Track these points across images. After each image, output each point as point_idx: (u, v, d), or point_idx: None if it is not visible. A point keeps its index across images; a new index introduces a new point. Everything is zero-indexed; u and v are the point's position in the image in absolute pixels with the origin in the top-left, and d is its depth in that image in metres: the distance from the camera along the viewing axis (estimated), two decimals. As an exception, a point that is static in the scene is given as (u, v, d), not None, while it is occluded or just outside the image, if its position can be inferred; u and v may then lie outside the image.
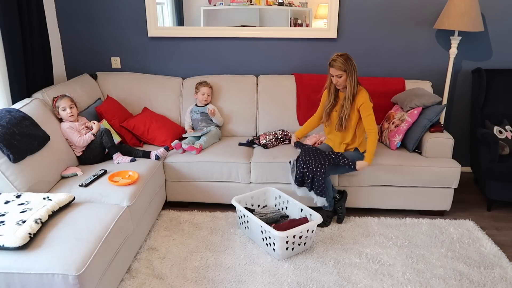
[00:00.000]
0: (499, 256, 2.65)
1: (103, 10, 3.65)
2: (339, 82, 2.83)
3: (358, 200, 3.12)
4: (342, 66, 2.76)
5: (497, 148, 3.03)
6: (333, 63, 2.79)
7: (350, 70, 2.77)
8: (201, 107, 3.48)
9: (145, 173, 2.80)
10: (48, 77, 3.33)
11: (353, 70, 2.78)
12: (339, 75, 2.80)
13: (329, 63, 2.82)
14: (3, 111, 2.54)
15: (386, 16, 3.54)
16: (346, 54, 2.80)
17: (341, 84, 2.84)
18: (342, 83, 2.83)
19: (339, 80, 2.82)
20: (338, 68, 2.78)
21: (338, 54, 2.80)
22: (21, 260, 1.89)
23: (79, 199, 2.43)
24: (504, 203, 3.29)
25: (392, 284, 2.40)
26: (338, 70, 2.78)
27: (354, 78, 2.80)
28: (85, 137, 2.91)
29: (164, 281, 2.41)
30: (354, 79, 2.80)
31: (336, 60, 2.77)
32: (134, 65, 3.79)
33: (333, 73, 2.82)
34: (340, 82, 2.83)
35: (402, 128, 3.14)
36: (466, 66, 3.64)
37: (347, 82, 2.81)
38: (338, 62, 2.76)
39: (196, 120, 3.46)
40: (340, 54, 2.80)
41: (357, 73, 2.81)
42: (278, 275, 2.47)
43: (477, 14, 3.20)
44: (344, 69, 2.77)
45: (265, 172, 3.07)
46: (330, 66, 2.82)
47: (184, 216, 3.10)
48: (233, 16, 3.63)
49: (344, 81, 2.82)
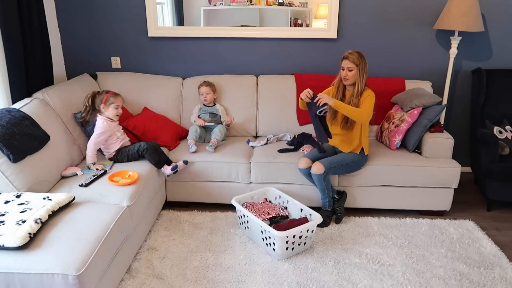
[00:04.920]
0: (499, 256, 2.65)
1: (103, 10, 3.65)
2: (348, 76, 2.83)
3: (358, 200, 3.12)
4: (356, 60, 2.79)
5: (497, 148, 3.03)
6: (348, 55, 2.82)
7: (362, 66, 2.80)
8: (210, 107, 3.48)
9: (145, 173, 2.80)
10: (48, 77, 3.33)
11: (365, 68, 2.81)
12: (350, 68, 2.81)
13: (344, 56, 2.85)
14: (3, 111, 2.54)
15: (386, 16, 3.54)
16: (361, 53, 2.83)
17: (350, 78, 2.83)
18: (351, 77, 2.83)
19: (349, 73, 2.82)
20: (352, 61, 2.80)
21: (354, 50, 2.84)
22: (21, 260, 1.89)
23: (79, 199, 2.43)
24: (504, 203, 3.30)
25: (392, 284, 2.40)
26: (351, 63, 2.80)
27: (364, 76, 2.82)
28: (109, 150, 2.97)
29: (164, 281, 2.41)
30: (363, 76, 2.82)
31: (352, 53, 2.81)
32: (134, 65, 3.79)
33: (345, 65, 2.84)
34: (349, 76, 2.83)
35: (402, 128, 3.14)
36: (466, 66, 3.64)
37: (356, 77, 2.82)
38: (353, 55, 2.80)
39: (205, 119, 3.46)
40: (356, 51, 2.83)
41: (367, 72, 2.83)
42: (278, 275, 2.47)
43: (477, 14, 3.20)
44: (357, 63, 2.79)
45: (265, 172, 3.07)
46: (344, 58, 2.84)
47: (184, 216, 3.10)
48: (233, 16, 3.63)
49: (353, 76, 2.82)
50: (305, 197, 3.07)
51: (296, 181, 3.07)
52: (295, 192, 3.07)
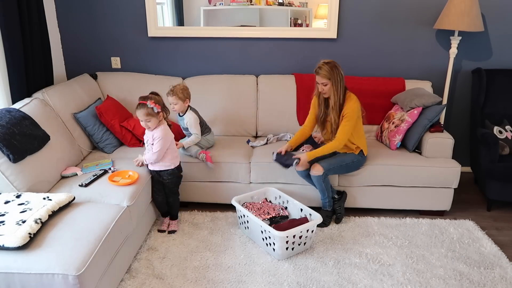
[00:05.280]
0: (499, 256, 2.65)
1: (103, 10, 3.65)
2: (325, 90, 2.77)
3: (358, 200, 3.12)
4: (327, 74, 2.70)
5: (497, 148, 3.03)
6: (318, 71, 2.73)
7: (335, 79, 2.70)
8: (180, 117, 3.14)
9: (145, 173, 2.80)
10: (48, 77, 3.33)
11: (339, 78, 2.71)
12: (324, 83, 2.73)
13: (315, 70, 2.76)
14: (3, 111, 2.54)
15: (386, 16, 3.54)
16: (332, 62, 2.72)
17: (327, 92, 2.78)
18: (328, 91, 2.77)
19: (325, 88, 2.76)
20: (323, 76, 2.71)
21: (325, 61, 2.73)
22: (21, 260, 1.89)
23: (79, 199, 2.43)
24: (504, 203, 3.29)
25: (392, 284, 2.40)
26: (323, 78, 2.72)
27: (340, 87, 2.73)
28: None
29: (164, 281, 2.41)
30: (339, 88, 2.73)
31: (322, 68, 2.71)
32: (134, 65, 3.79)
33: (318, 81, 2.77)
34: (325, 91, 2.77)
35: (402, 128, 3.14)
36: (466, 66, 3.64)
37: (331, 91, 2.75)
38: (323, 70, 2.70)
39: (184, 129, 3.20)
40: (327, 61, 2.73)
41: (343, 81, 2.74)
42: (278, 275, 2.47)
43: (477, 14, 3.20)
44: (329, 77, 2.70)
45: (265, 172, 3.07)
46: (315, 73, 2.76)
47: (184, 216, 3.10)
48: (233, 16, 3.63)
49: (329, 90, 2.75)
50: (305, 197, 3.07)
51: (296, 181, 3.07)
52: (295, 192, 3.07)
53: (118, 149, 3.23)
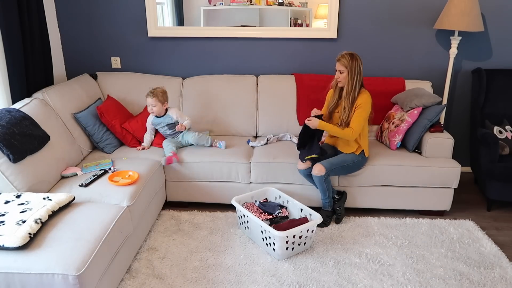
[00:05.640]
0: (499, 256, 2.65)
1: (103, 10, 3.65)
2: (340, 78, 2.86)
3: (358, 200, 3.12)
4: (345, 62, 2.80)
5: (497, 148, 3.03)
6: (339, 58, 2.84)
7: (352, 69, 2.79)
8: (162, 118, 3.20)
9: (145, 173, 2.80)
10: (48, 77, 3.33)
11: (356, 71, 2.80)
12: (341, 70, 2.84)
13: (337, 57, 2.86)
14: (3, 111, 2.54)
15: (386, 16, 3.54)
16: (355, 54, 2.82)
17: (341, 80, 2.86)
18: (342, 79, 2.85)
19: (340, 76, 2.85)
20: (342, 63, 2.82)
21: (348, 52, 2.84)
22: (21, 260, 1.89)
23: (79, 199, 2.43)
24: (504, 203, 3.29)
25: (392, 284, 2.40)
26: (341, 66, 2.83)
27: (355, 79, 2.81)
28: None
29: (164, 281, 2.41)
30: (354, 79, 2.81)
31: (344, 56, 2.82)
32: (134, 65, 3.79)
33: (337, 67, 2.86)
34: (340, 78, 2.86)
35: (402, 128, 3.14)
36: (466, 66, 3.64)
37: (346, 80, 2.83)
38: (344, 58, 2.81)
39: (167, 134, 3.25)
40: (350, 52, 2.83)
41: (360, 75, 2.81)
42: (278, 275, 2.47)
43: (477, 14, 3.20)
44: (347, 65, 2.80)
45: (265, 172, 3.07)
46: (336, 60, 2.86)
47: (184, 216, 3.10)
48: (233, 16, 3.63)
49: (344, 78, 2.84)
50: (305, 197, 3.07)
51: (296, 181, 3.07)
52: (295, 192, 3.07)
53: (118, 149, 3.24)
